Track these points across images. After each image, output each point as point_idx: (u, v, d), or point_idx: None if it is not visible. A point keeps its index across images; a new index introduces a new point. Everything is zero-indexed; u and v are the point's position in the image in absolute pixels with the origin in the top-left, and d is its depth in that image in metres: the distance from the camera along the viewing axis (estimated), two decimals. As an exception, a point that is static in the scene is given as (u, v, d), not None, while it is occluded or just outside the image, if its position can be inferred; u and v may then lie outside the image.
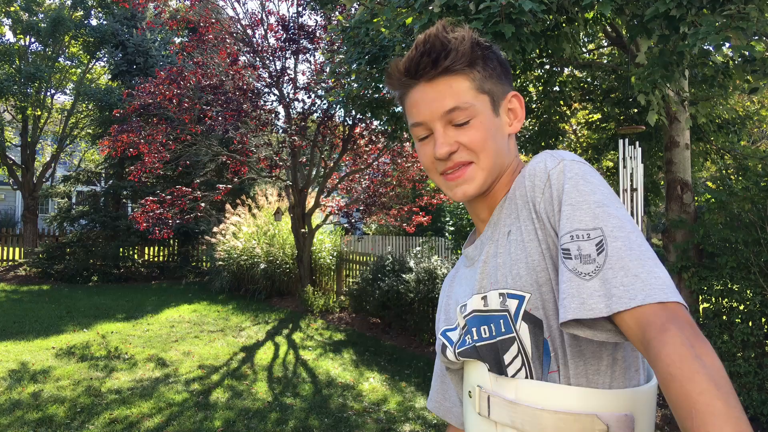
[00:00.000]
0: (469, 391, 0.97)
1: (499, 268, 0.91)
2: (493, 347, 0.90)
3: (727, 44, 3.40)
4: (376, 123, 9.65)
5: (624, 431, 0.80)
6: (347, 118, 10.27)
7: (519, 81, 6.67)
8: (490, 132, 0.93)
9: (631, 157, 5.28)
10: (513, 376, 0.88)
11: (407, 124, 1.01)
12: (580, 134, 9.05)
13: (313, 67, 10.63)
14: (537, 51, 5.27)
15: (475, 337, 0.93)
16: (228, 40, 10.33)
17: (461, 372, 1.05)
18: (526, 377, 0.87)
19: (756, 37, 3.76)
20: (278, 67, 10.33)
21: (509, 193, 0.95)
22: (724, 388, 0.63)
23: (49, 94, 16.34)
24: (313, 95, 10.26)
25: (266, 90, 10.58)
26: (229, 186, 10.60)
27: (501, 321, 0.89)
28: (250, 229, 11.41)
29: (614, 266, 0.76)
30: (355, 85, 5.56)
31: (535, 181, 0.88)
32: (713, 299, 4.82)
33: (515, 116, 0.98)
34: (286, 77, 10.40)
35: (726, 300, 4.74)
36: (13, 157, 16.07)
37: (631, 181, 5.26)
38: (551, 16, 4.00)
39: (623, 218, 0.80)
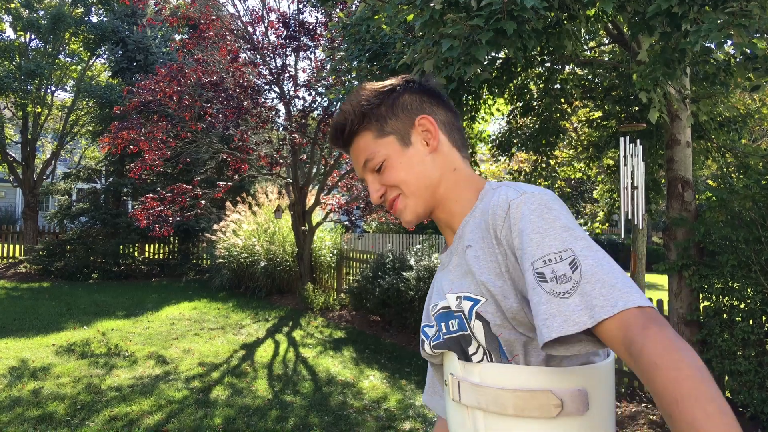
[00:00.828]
0: (445, 380, 1.05)
1: (462, 277, 1.00)
2: (457, 340, 0.99)
3: (729, 42, 3.38)
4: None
5: (578, 404, 0.87)
6: (348, 116, 10.23)
7: (520, 78, 6.65)
8: (404, 164, 1.06)
9: (632, 155, 5.28)
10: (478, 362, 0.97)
11: None
12: (580, 132, 9.04)
13: (313, 64, 10.62)
14: (538, 48, 5.25)
15: (444, 331, 1.02)
16: (228, 37, 10.31)
17: (441, 367, 1.14)
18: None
19: (758, 35, 3.75)
20: (279, 65, 10.31)
21: (475, 212, 1.04)
22: (705, 374, 0.68)
23: (49, 91, 16.34)
24: (313, 92, 10.25)
25: (267, 87, 10.56)
26: (229, 183, 10.59)
27: (457, 320, 0.98)
28: (251, 227, 11.41)
29: (591, 280, 0.81)
30: (356, 82, 5.55)
31: (497, 210, 0.95)
32: (714, 297, 4.81)
33: (430, 135, 1.07)
34: (287, 74, 10.38)
35: (726, 298, 4.74)
36: (13, 154, 16.08)
37: (632, 179, 5.26)
38: (553, 13, 3.98)
39: (588, 239, 0.87)
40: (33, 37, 16.01)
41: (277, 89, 10.44)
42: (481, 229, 0.99)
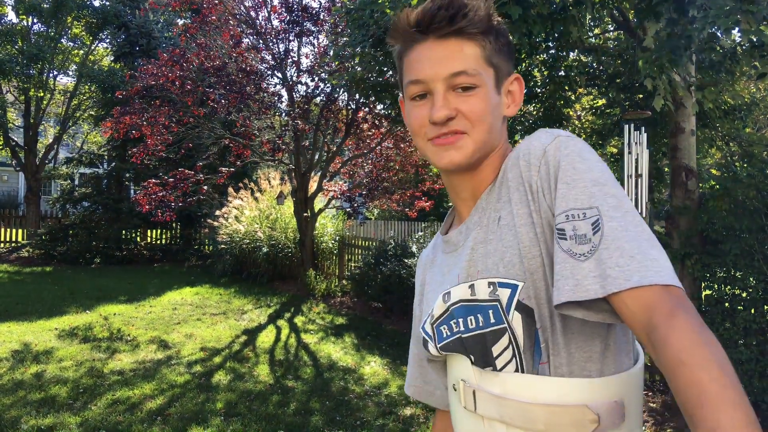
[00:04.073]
0: (453, 385, 0.95)
1: (490, 256, 0.88)
2: (481, 338, 0.87)
3: (736, 28, 3.35)
4: (379, 107, 9.60)
5: (615, 418, 0.80)
6: (350, 102, 10.22)
7: (524, 65, 6.60)
8: (490, 106, 0.89)
9: (636, 143, 5.24)
10: (502, 368, 0.86)
11: (402, 81, 0.95)
12: (584, 119, 9.00)
13: (316, 50, 10.56)
14: (543, 34, 5.21)
15: (462, 328, 0.89)
16: (231, 22, 10.24)
17: (440, 362, 1.04)
18: (516, 370, 0.85)
19: (765, 22, 3.71)
20: (281, 50, 10.26)
21: (499, 178, 0.92)
22: (733, 378, 0.62)
23: (51, 75, 16.28)
24: (316, 78, 10.20)
25: (269, 73, 10.51)
26: (231, 169, 10.57)
27: (491, 311, 0.85)
28: (253, 213, 11.41)
29: (610, 246, 0.74)
30: (359, 68, 5.52)
31: (530, 159, 0.85)
32: (716, 286, 4.80)
33: (513, 99, 0.95)
34: (290, 60, 10.32)
35: (729, 287, 4.73)
36: (16, 139, 16.06)
37: (636, 167, 5.23)
38: (558, -1, 3.95)
39: (621, 197, 0.78)
40: (35, 20, 15.93)
41: (279, 75, 10.39)
42: (509, 190, 0.88)
